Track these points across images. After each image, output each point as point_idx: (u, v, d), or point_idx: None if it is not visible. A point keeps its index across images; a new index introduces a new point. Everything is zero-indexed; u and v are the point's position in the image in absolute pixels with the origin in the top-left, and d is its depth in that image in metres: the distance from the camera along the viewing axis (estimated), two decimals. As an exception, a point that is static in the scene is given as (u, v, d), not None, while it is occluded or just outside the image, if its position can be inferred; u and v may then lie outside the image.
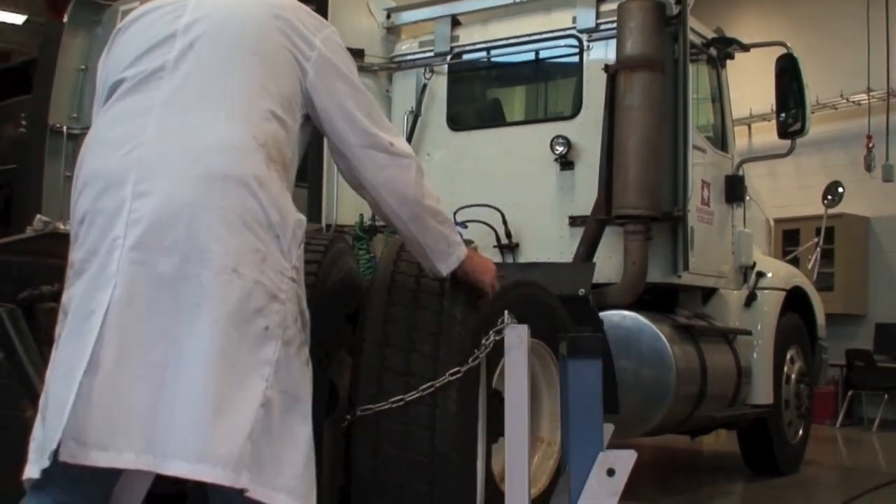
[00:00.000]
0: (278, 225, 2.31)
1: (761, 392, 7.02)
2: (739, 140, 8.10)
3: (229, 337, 2.18)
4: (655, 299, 6.38)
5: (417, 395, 2.74)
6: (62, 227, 4.81)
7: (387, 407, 2.74)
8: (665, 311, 6.40)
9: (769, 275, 7.35)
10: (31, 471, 2.22)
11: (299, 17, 2.54)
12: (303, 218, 2.43)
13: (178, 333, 2.18)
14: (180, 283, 2.19)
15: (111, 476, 2.32)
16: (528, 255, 6.36)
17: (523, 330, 2.83)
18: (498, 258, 6.36)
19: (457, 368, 2.79)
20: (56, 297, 3.33)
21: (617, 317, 5.85)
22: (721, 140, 7.03)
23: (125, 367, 2.15)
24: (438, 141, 6.88)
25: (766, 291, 7.26)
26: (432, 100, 6.90)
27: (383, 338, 2.84)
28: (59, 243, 3.81)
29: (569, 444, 2.77)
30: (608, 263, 6.02)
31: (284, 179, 2.40)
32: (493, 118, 7.11)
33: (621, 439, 8.54)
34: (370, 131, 2.59)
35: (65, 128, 8.70)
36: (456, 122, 6.92)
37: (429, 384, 2.74)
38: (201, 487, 2.25)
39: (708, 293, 6.95)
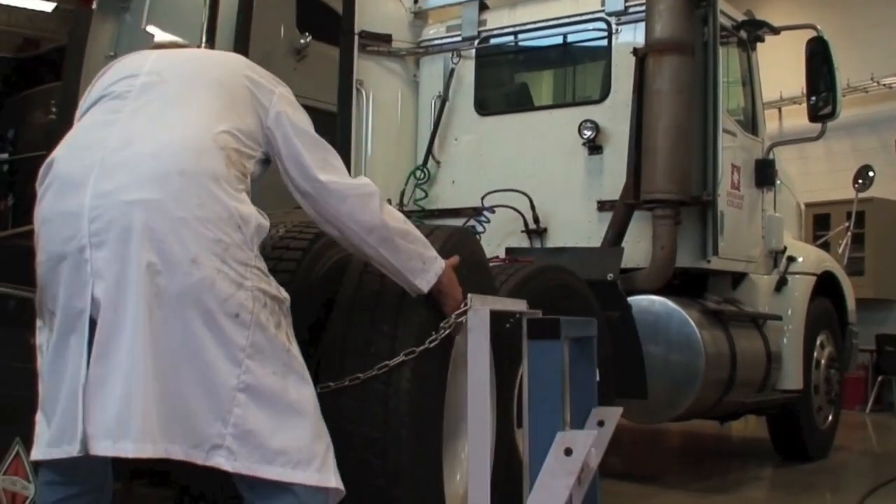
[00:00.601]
0: (239, 217, 2.43)
1: (791, 377, 6.98)
2: (770, 123, 8.04)
3: (194, 326, 2.31)
4: (684, 284, 6.36)
5: (374, 373, 2.84)
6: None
7: (346, 384, 2.84)
8: (694, 296, 6.38)
9: (799, 259, 7.30)
10: (34, 453, 2.42)
11: (259, 70, 2.77)
12: (264, 219, 2.55)
13: (149, 325, 2.29)
14: (147, 277, 2.30)
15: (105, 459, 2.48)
16: (555, 239, 6.35)
17: (485, 313, 2.87)
18: (526, 243, 6.36)
19: (412, 349, 2.86)
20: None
21: (646, 302, 5.84)
22: (751, 123, 6.98)
23: (110, 360, 2.29)
24: (466, 126, 6.87)
25: (796, 276, 7.21)
26: (460, 84, 6.89)
27: (348, 319, 2.94)
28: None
29: (528, 424, 2.82)
30: (637, 248, 6.00)
31: (244, 184, 2.51)
32: (521, 102, 7.08)
33: (649, 424, 8.55)
34: (329, 174, 2.70)
35: (94, 114, 8.73)
36: (483, 106, 6.91)
37: (384, 363, 2.84)
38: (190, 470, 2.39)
39: (738, 278, 6.91)
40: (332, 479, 2.47)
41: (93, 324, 2.33)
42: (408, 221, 2.86)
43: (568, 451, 2.71)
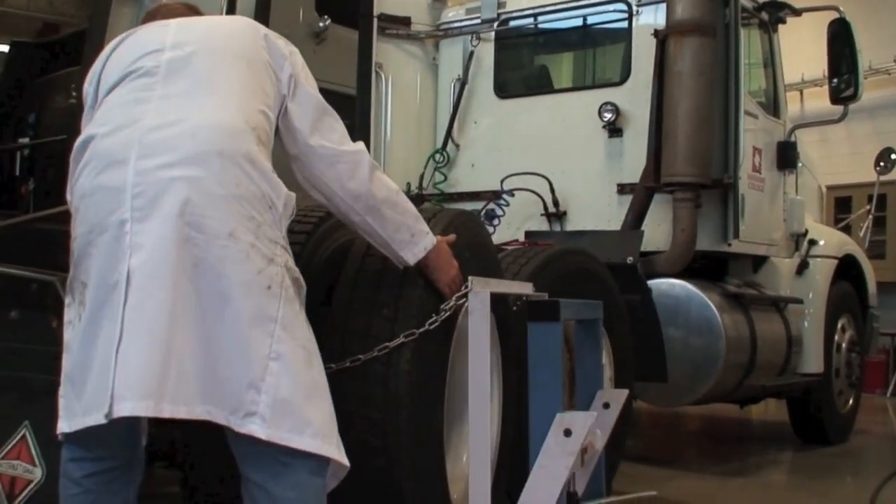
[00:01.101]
0: (270, 197, 2.50)
1: (812, 361, 6.96)
2: (791, 106, 7.99)
3: (231, 296, 2.38)
4: (705, 267, 6.34)
5: (374, 354, 2.86)
6: (113, 196, 4.87)
7: (347, 365, 2.87)
8: (715, 279, 6.36)
9: (821, 242, 7.26)
10: (63, 426, 2.43)
11: (271, 36, 2.81)
12: (293, 194, 2.60)
13: (185, 293, 2.36)
14: (185, 249, 2.37)
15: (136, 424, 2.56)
16: (575, 223, 6.33)
17: (486, 295, 2.87)
18: (545, 226, 6.35)
19: (411, 330, 2.88)
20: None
21: (665, 285, 5.82)
22: (773, 106, 6.94)
23: (144, 325, 2.33)
24: (485, 109, 6.85)
25: (817, 259, 7.18)
26: (479, 67, 6.87)
27: (350, 301, 2.96)
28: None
29: (529, 405, 2.83)
30: (657, 231, 5.98)
31: (269, 161, 2.57)
32: (541, 85, 7.06)
33: (669, 407, 8.54)
34: (320, 139, 2.73)
35: (114, 98, 8.76)
36: (503, 89, 6.89)
37: (384, 345, 2.86)
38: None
39: (759, 261, 6.88)
40: (346, 459, 2.51)
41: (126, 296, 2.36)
42: (400, 193, 2.85)
43: (567, 432, 2.73)
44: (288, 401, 2.40)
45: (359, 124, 6.78)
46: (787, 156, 6.87)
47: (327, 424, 2.48)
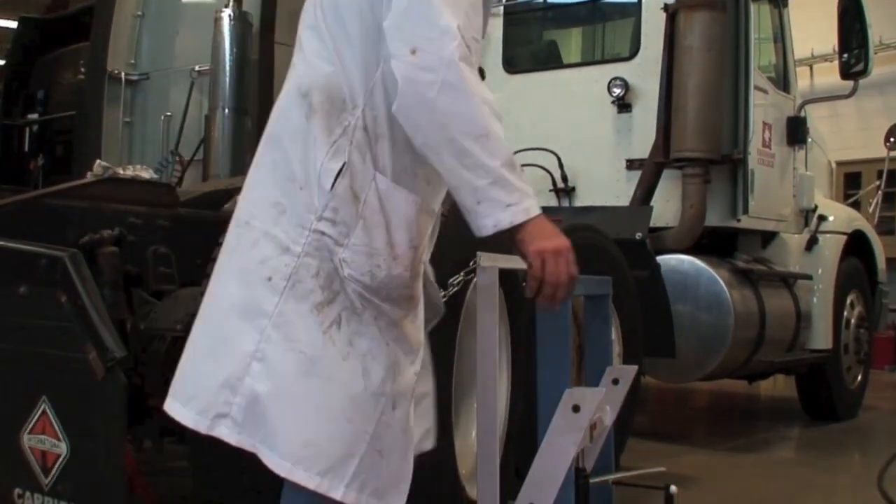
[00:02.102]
0: (303, 179, 2.16)
1: (820, 337, 6.96)
2: (801, 81, 7.94)
3: (230, 285, 2.21)
4: (714, 243, 6.32)
5: None
6: (121, 172, 4.87)
7: None
8: (724, 255, 6.34)
9: (830, 218, 7.24)
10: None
11: None
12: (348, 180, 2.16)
13: (210, 284, 2.30)
14: (226, 238, 2.30)
15: None
16: (584, 198, 6.32)
17: (494, 271, 2.86)
18: (554, 202, 6.34)
19: None
20: (117, 241, 3.39)
21: (674, 261, 5.81)
22: (783, 80, 6.90)
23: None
24: (494, 84, 6.81)
25: (827, 235, 7.16)
26: (487, 42, 6.83)
27: None
28: (118, 188, 3.87)
29: (537, 381, 2.83)
30: (666, 207, 5.97)
31: (325, 127, 2.18)
32: (550, 60, 7.03)
33: (678, 383, 8.55)
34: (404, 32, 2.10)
35: (123, 74, 8.79)
36: (511, 64, 6.86)
37: None
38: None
39: (768, 237, 6.87)
40: (339, 489, 2.13)
41: None
42: (490, 138, 2.18)
43: (576, 408, 2.72)
44: (263, 407, 2.10)
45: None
46: (796, 131, 6.84)
47: (311, 446, 2.11)
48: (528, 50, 7.20)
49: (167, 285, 3.69)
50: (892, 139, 8.76)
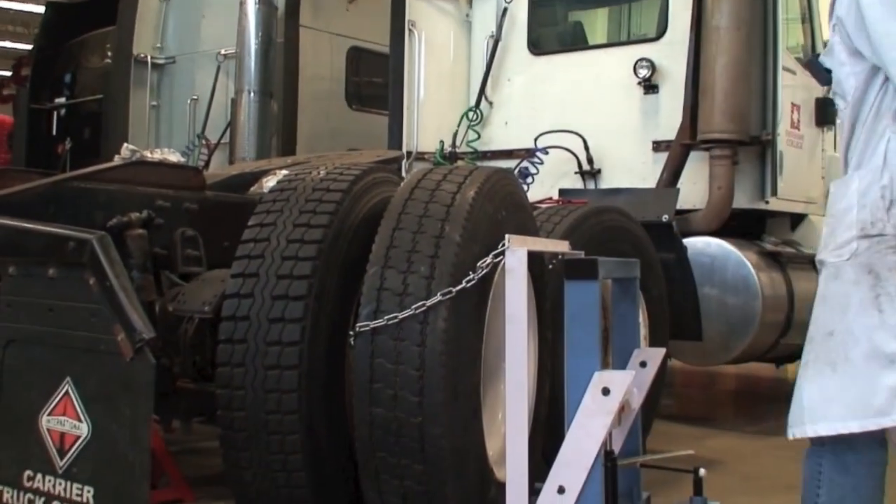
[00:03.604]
0: None
1: (849, 319, 6.90)
2: (830, 61, 7.85)
3: None
4: (741, 225, 6.28)
5: (411, 312, 2.85)
6: (149, 155, 4.90)
7: (382, 324, 2.85)
8: (751, 237, 6.30)
9: (859, 201, 7.16)
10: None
11: None
12: None
13: None
14: None
15: None
16: (610, 181, 6.29)
17: (523, 253, 2.85)
18: (580, 184, 6.31)
19: (448, 289, 2.86)
20: (145, 223, 3.41)
21: (701, 243, 5.78)
22: (811, 61, 6.83)
23: None
24: (519, 66, 6.80)
25: (855, 217, 7.09)
26: (513, 24, 6.80)
27: (385, 260, 2.94)
28: (146, 171, 3.89)
29: (565, 364, 2.84)
30: (693, 189, 5.93)
31: None
32: (575, 41, 7.00)
33: (704, 366, 8.52)
34: None
35: (149, 58, 8.83)
36: (537, 46, 6.83)
37: (420, 303, 2.84)
38: None
39: (796, 219, 6.82)
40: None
41: None
42: None
43: (605, 391, 2.72)
44: None
45: (392, 82, 6.76)
46: (825, 112, 6.77)
47: None
48: (553, 31, 7.17)
49: (195, 267, 3.71)
50: (922, 120, 8.66)
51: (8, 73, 14.79)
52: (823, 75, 3.18)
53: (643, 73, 6.13)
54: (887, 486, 2.77)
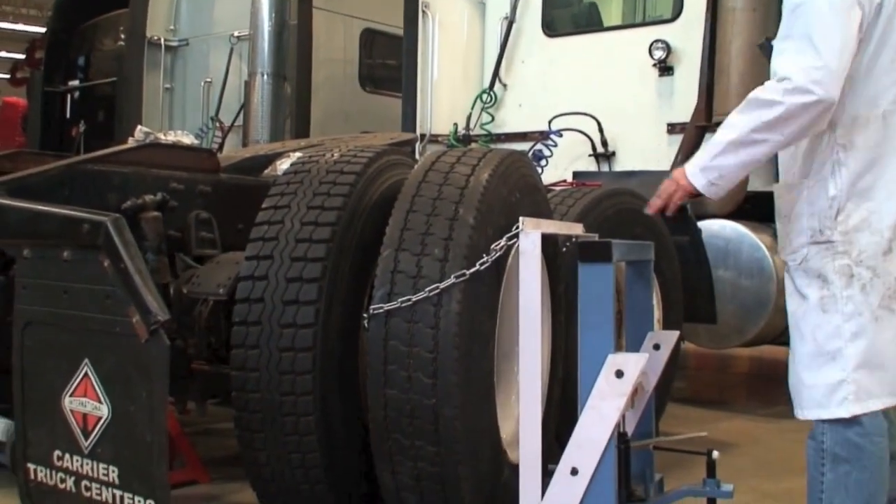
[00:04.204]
0: None
1: (864, 303, 6.88)
2: (846, 43, 7.80)
3: None
4: (756, 208, 6.26)
5: (424, 295, 2.85)
6: (163, 137, 4.90)
7: (396, 306, 2.85)
8: (766, 220, 6.27)
9: (875, 183, 7.13)
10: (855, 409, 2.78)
11: None
12: None
13: None
14: None
15: None
16: (624, 163, 6.27)
17: (536, 236, 2.85)
18: (594, 167, 6.30)
19: (462, 272, 2.86)
20: (159, 206, 3.41)
21: (716, 226, 5.76)
22: (827, 43, 6.78)
23: None
24: (533, 48, 6.78)
25: (871, 200, 7.07)
26: (527, 5, 6.78)
27: (399, 243, 2.95)
28: (160, 154, 3.89)
29: (579, 347, 2.85)
30: (707, 171, 5.90)
31: None
32: (590, 23, 6.96)
33: (718, 349, 8.51)
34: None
35: (162, 40, 8.83)
36: (551, 27, 6.80)
37: (434, 286, 2.86)
38: None
39: (811, 202, 6.78)
40: None
41: None
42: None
43: (619, 374, 2.72)
44: None
45: (405, 65, 6.75)
46: (841, 95, 6.74)
47: None
48: (567, 13, 7.13)
49: (209, 250, 3.72)
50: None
51: (22, 56, 14.86)
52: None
53: (658, 54, 6.10)
54: None
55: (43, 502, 2.98)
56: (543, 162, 6.19)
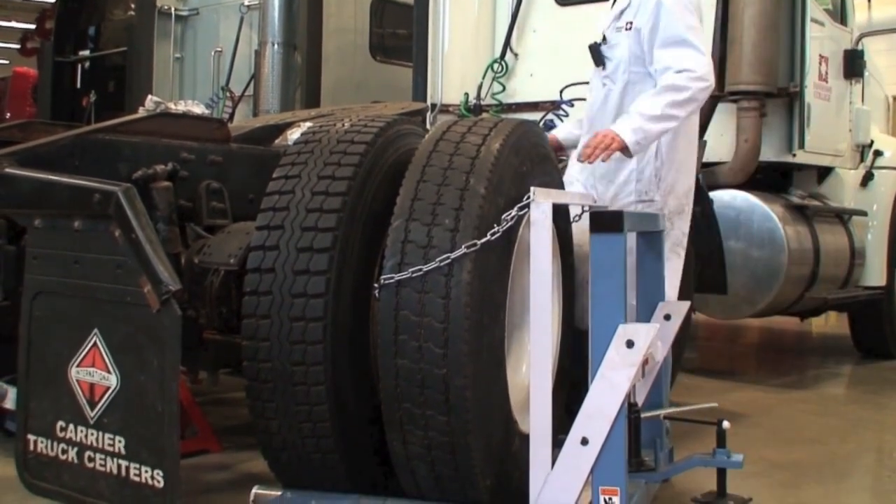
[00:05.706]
0: None
1: (875, 274, 6.87)
2: (859, 13, 7.74)
3: None
4: (768, 178, 6.24)
5: (435, 265, 2.85)
6: (173, 107, 4.89)
7: (407, 276, 2.85)
8: (778, 190, 6.26)
9: (887, 153, 7.10)
10: None
11: None
12: None
13: None
14: None
15: None
16: (635, 133, 6.24)
17: (548, 206, 2.84)
18: (605, 137, 6.27)
19: (473, 241, 2.86)
20: (170, 176, 3.41)
21: (727, 196, 5.75)
22: (840, 13, 6.74)
23: None
24: (544, 16, 6.72)
25: (883, 171, 7.04)
26: (538, -26, 6.73)
27: (409, 213, 2.95)
28: (170, 123, 3.89)
29: (590, 317, 2.85)
30: (720, 142, 5.88)
31: None
32: (601, -8, 6.90)
33: (729, 320, 8.51)
34: None
35: (173, 9, 8.80)
36: (563, -4, 6.75)
37: (445, 256, 2.85)
38: None
39: (823, 172, 6.76)
40: None
41: None
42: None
43: (630, 343, 2.72)
44: None
45: (416, 34, 6.72)
46: (853, 64, 6.69)
47: None
48: (579, -19, 7.07)
49: (220, 220, 3.72)
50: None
51: (32, 26, 14.84)
52: (600, 60, 4.20)
53: (670, 23, 6.05)
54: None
55: (41, 474, 2.98)
56: (542, 130, 6.16)
